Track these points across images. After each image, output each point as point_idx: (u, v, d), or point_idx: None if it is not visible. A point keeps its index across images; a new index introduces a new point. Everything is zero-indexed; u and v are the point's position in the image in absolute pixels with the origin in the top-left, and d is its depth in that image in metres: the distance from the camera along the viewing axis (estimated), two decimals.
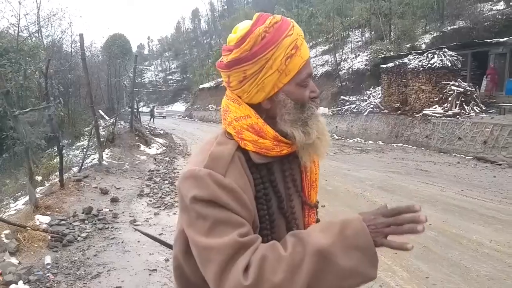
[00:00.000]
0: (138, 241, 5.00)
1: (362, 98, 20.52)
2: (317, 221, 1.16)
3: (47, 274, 3.92)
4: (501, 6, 21.57)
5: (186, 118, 45.56)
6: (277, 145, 1.00)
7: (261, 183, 0.99)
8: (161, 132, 22.30)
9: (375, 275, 0.85)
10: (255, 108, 1.01)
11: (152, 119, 33.06)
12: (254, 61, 0.95)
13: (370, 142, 17.10)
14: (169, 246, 2.03)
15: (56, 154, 10.44)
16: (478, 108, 14.29)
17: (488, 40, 16.34)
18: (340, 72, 24.02)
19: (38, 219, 5.25)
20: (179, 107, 61.72)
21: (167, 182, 8.96)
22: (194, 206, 0.89)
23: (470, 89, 14.88)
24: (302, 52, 0.99)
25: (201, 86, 48.28)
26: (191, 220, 0.90)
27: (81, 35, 10.07)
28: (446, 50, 16.22)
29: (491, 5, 22.38)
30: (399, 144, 15.66)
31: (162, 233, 5.42)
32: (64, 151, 10.08)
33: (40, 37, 20.05)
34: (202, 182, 0.89)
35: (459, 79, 15.39)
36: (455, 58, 15.87)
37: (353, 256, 0.82)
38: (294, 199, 1.07)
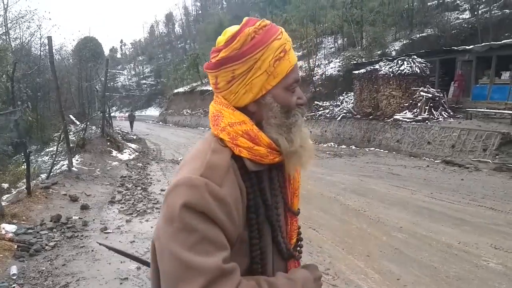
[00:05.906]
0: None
1: (335, 103, 20.84)
2: (298, 228, 1.16)
3: (13, 285, 3.77)
4: (466, 15, 22.43)
5: (160, 123, 44.98)
6: (270, 153, 0.99)
7: (253, 192, 0.97)
8: (134, 137, 21.93)
9: None
10: (242, 112, 0.99)
11: (131, 127, 29.59)
12: (243, 60, 0.94)
13: (343, 146, 17.34)
14: (139, 261, 1.97)
15: (23, 160, 10.09)
16: (446, 113, 14.75)
17: (455, 48, 16.91)
18: (313, 78, 24.31)
19: (3, 228, 5.06)
20: (153, 111, 60.79)
21: (139, 188, 8.80)
22: (183, 215, 0.83)
23: (439, 94, 15.37)
24: (290, 57, 0.99)
25: (175, 91, 47.75)
26: (174, 230, 0.84)
27: (49, 38, 9.76)
28: (415, 57, 16.70)
29: (457, 14, 23.23)
30: (371, 149, 15.95)
31: (134, 241, 5.32)
32: (32, 157, 9.76)
33: (7, 39, 19.40)
34: (197, 191, 0.85)
35: (428, 85, 15.87)
36: (423, 64, 16.33)
37: None
38: (279, 207, 1.07)
